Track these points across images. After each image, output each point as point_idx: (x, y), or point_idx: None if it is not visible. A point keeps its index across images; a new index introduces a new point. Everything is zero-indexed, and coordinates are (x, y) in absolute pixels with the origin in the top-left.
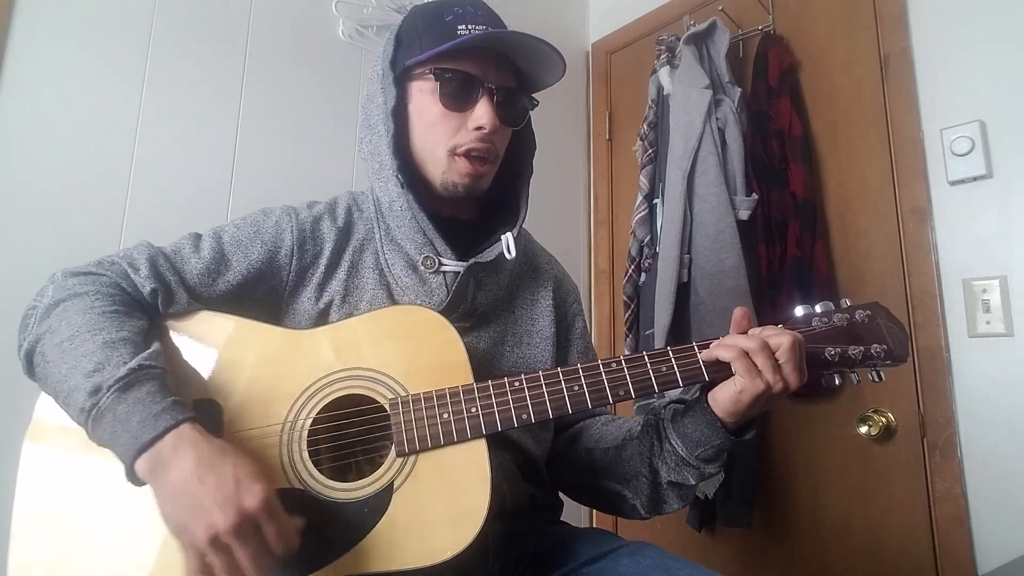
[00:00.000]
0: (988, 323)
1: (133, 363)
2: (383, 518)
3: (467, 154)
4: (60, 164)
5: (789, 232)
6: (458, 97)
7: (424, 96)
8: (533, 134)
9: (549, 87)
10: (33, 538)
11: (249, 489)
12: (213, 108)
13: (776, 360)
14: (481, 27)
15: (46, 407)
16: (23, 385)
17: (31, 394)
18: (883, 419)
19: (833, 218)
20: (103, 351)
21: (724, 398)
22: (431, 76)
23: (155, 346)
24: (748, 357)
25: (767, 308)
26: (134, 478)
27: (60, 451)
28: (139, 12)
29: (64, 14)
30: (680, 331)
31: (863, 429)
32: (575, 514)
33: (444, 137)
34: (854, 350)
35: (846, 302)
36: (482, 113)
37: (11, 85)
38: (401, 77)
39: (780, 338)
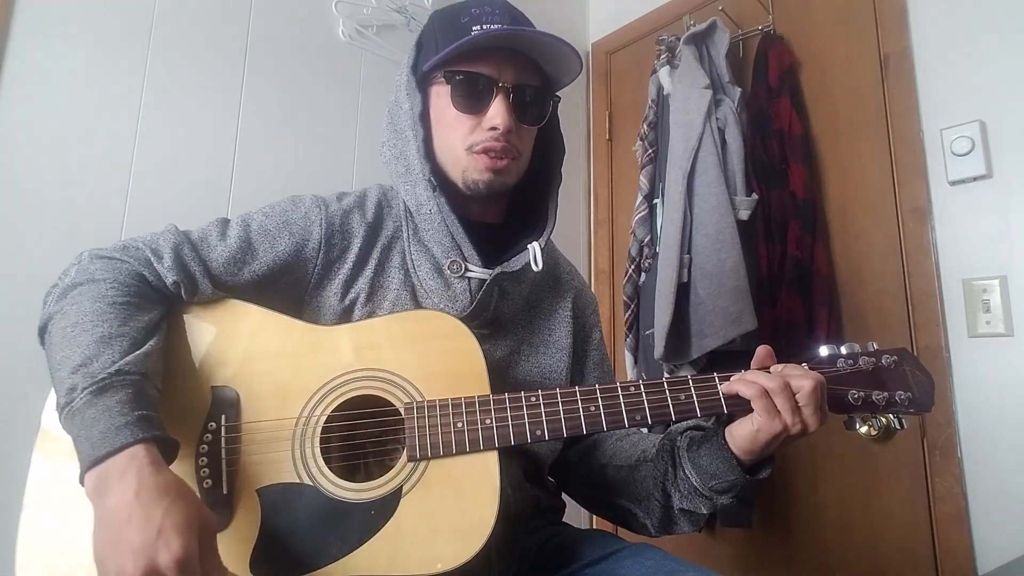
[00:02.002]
0: (988, 323)
1: (113, 368)
2: (389, 522)
3: (484, 151)
4: (60, 163)
5: (789, 232)
6: (472, 98)
7: (440, 99)
8: (561, 136)
9: (567, 85)
10: (42, 526)
11: (168, 543)
12: (213, 108)
13: (796, 402)
14: (495, 27)
15: (55, 415)
16: (24, 384)
17: (34, 393)
18: (883, 419)
19: (833, 218)
20: (96, 346)
21: (741, 435)
22: (443, 79)
23: (149, 345)
24: (768, 396)
25: (767, 308)
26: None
27: (68, 455)
28: (139, 12)
29: (64, 14)
30: (680, 331)
31: (863, 429)
32: (577, 515)
33: (461, 138)
34: (878, 395)
35: (872, 345)
36: (496, 113)
37: (11, 85)
38: (422, 82)
39: (802, 380)
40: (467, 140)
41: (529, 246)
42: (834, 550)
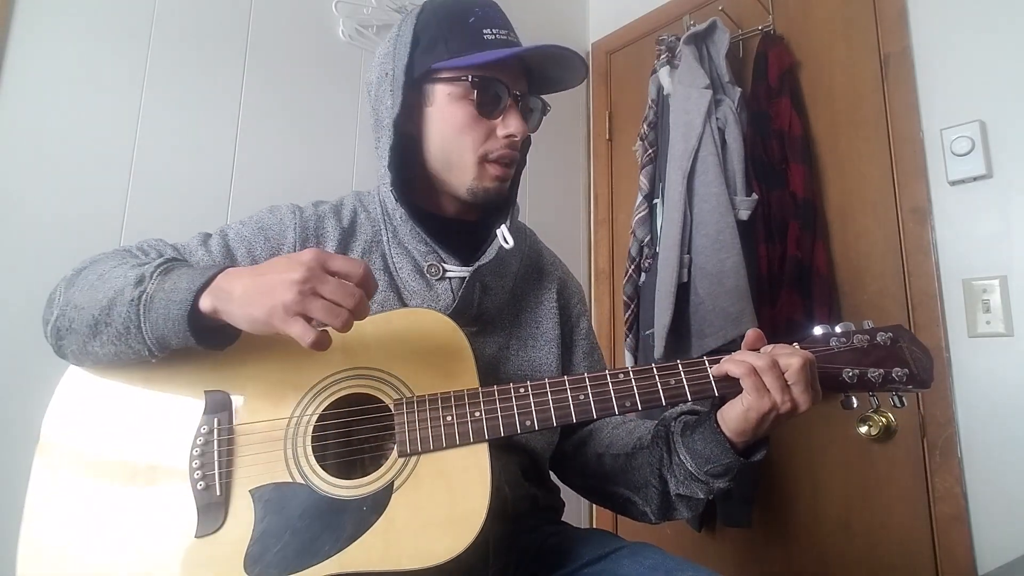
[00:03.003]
0: (988, 323)
1: (164, 257)
2: (381, 517)
3: (498, 160)
4: (60, 164)
5: (789, 232)
6: (490, 104)
7: (453, 101)
8: None
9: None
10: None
11: (300, 253)
12: (213, 108)
13: (785, 380)
14: (502, 31)
15: (53, 423)
16: (24, 386)
17: (35, 395)
18: (883, 419)
19: (833, 218)
20: (135, 269)
21: (732, 416)
22: (466, 82)
23: None
24: (756, 374)
25: (767, 308)
26: (198, 322)
27: (68, 462)
28: (139, 12)
29: (64, 14)
30: (680, 331)
31: (863, 429)
32: (576, 514)
33: (474, 144)
34: (874, 373)
35: (868, 323)
36: (513, 122)
37: (11, 85)
38: (420, 79)
39: (791, 358)
40: (481, 148)
41: (497, 231)
42: (834, 550)
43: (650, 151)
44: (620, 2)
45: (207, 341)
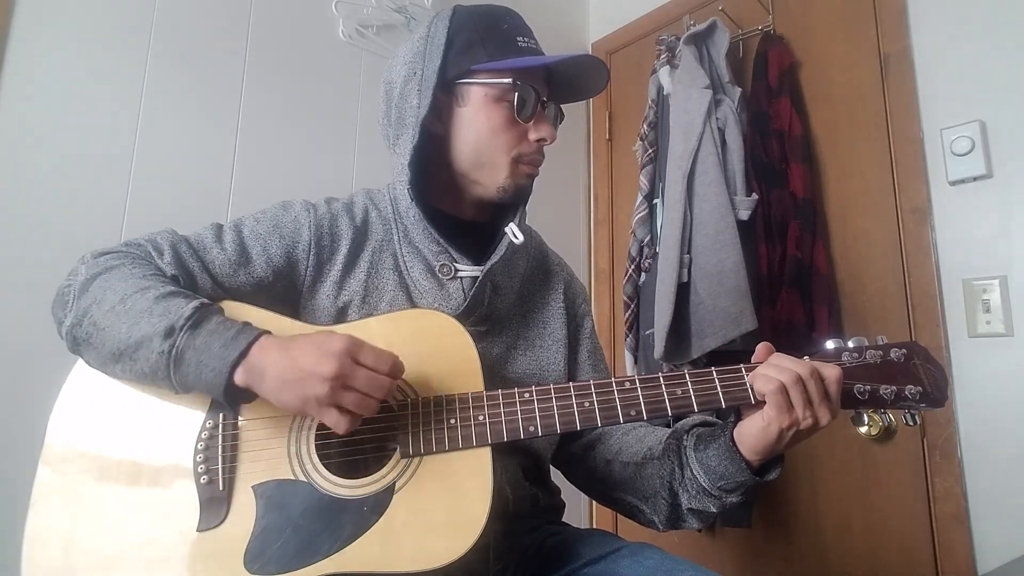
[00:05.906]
0: (988, 323)
1: (195, 302)
2: (382, 518)
3: (530, 162)
4: (60, 164)
5: (789, 232)
6: (525, 109)
7: (491, 102)
8: None
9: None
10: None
11: (330, 342)
12: (213, 108)
13: (809, 396)
14: (532, 40)
15: (60, 418)
16: (25, 383)
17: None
18: (892, 416)
19: (833, 218)
20: (160, 303)
21: (750, 433)
22: (507, 85)
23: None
24: (784, 391)
25: (767, 308)
26: (232, 393)
27: (74, 457)
28: (139, 12)
29: (64, 15)
30: (680, 331)
31: (863, 429)
32: (576, 515)
33: (508, 145)
34: (886, 389)
35: (881, 339)
36: (544, 127)
37: (11, 85)
38: (452, 80)
39: (825, 370)
40: (514, 150)
41: (506, 229)
42: (834, 550)
43: (650, 151)
44: (620, 2)
45: (234, 401)
